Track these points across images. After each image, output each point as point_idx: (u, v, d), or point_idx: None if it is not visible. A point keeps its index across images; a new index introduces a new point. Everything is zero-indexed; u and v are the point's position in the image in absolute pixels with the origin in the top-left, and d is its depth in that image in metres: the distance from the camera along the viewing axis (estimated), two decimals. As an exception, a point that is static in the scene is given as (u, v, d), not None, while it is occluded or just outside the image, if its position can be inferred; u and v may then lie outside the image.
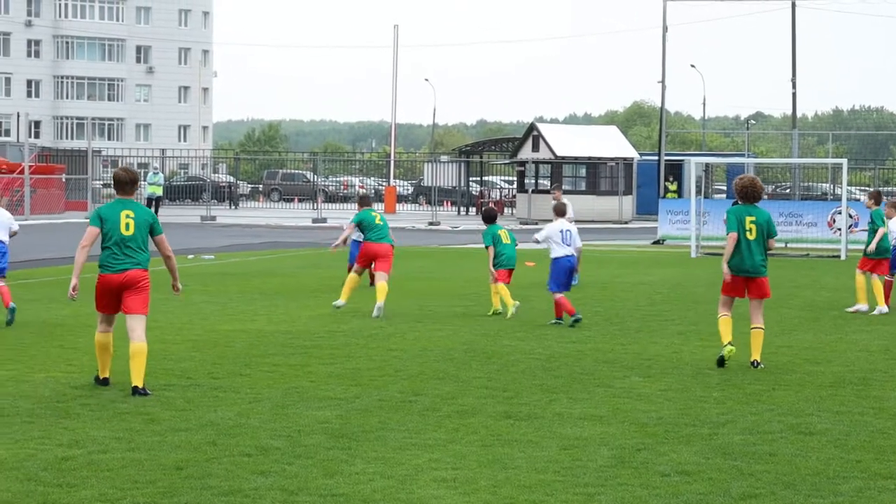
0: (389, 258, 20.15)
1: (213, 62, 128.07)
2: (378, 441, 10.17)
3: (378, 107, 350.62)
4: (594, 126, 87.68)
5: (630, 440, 10.31)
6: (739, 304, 14.98)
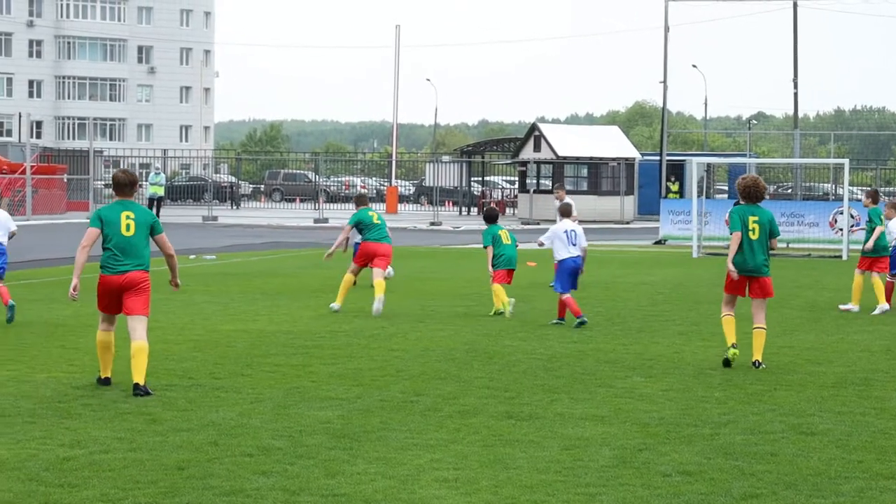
0: (388, 258, 20.04)
1: (215, 62, 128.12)
2: (380, 441, 10.17)
3: (380, 107, 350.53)
4: (596, 126, 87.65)
5: (632, 440, 10.31)
6: (742, 305, 14.98)
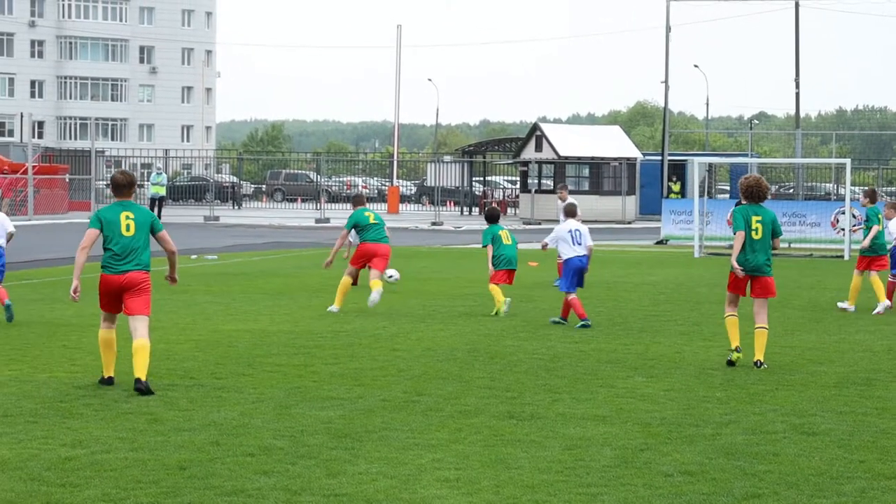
0: (387, 259, 19.91)
1: (217, 62, 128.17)
2: (381, 441, 10.16)
3: (381, 107, 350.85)
4: (597, 126, 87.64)
5: (633, 440, 10.31)
6: (743, 304, 14.97)
